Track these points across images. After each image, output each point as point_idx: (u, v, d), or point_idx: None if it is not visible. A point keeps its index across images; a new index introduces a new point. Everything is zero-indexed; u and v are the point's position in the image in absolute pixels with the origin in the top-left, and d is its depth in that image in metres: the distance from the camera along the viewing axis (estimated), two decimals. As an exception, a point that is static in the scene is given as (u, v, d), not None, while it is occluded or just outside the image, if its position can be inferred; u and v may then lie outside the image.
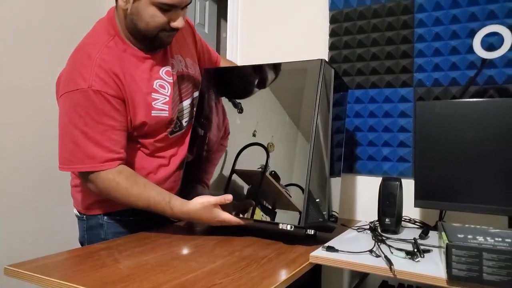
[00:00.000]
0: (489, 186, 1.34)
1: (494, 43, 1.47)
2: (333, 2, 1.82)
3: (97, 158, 1.25)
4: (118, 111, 1.29)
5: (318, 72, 1.30)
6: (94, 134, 1.25)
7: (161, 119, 1.37)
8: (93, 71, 1.26)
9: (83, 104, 1.25)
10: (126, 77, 1.31)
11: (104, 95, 1.26)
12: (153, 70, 1.38)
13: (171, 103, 1.39)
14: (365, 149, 1.75)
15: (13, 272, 0.99)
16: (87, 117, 1.25)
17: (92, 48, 1.31)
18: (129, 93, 1.31)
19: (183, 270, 1.01)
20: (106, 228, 1.40)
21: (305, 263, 1.11)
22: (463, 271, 0.96)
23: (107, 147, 1.26)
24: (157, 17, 1.28)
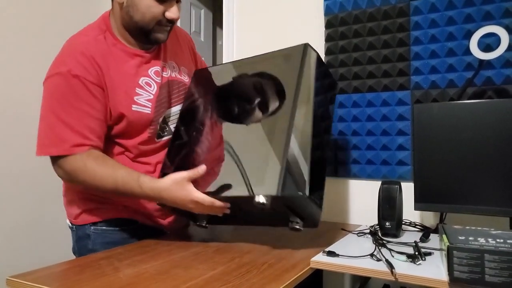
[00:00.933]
0: (489, 188, 1.34)
1: (491, 44, 1.47)
2: (328, 6, 1.82)
3: (68, 142, 1.22)
4: (97, 99, 1.27)
5: (301, 56, 1.26)
6: (69, 119, 1.23)
7: (142, 115, 1.34)
8: (75, 57, 1.25)
9: (61, 88, 1.24)
10: (110, 68, 1.30)
11: (83, 81, 1.24)
12: (141, 67, 1.37)
13: (155, 102, 1.36)
14: (363, 153, 1.75)
15: (15, 283, 1.00)
16: (65, 102, 1.23)
17: (79, 39, 1.32)
18: (110, 83, 1.29)
19: (183, 278, 1.01)
20: (93, 238, 1.36)
21: (306, 268, 1.10)
22: (465, 273, 0.95)
23: (80, 132, 1.23)
24: (152, 7, 1.29)
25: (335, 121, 1.80)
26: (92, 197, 1.36)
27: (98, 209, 1.36)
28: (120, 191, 1.22)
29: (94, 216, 1.37)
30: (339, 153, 1.80)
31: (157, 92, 1.38)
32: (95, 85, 1.26)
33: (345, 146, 1.78)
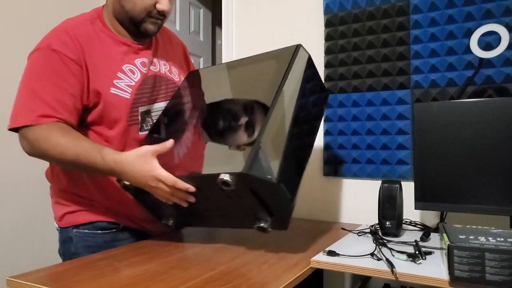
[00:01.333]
0: (489, 186, 1.33)
1: (492, 42, 1.47)
2: (328, 6, 1.82)
3: (36, 112, 1.18)
4: (73, 75, 1.24)
5: (291, 55, 1.25)
6: (42, 91, 1.20)
7: (120, 99, 1.31)
8: (57, 35, 1.26)
9: (39, 62, 1.24)
10: (94, 50, 1.29)
11: (62, 56, 1.23)
12: (128, 55, 1.37)
13: (135, 89, 1.34)
14: (363, 153, 1.74)
15: (15, 283, 1.00)
16: (40, 75, 1.22)
17: (66, 21, 1.33)
18: (91, 63, 1.28)
19: (182, 278, 1.00)
20: (75, 241, 1.33)
21: (306, 267, 1.10)
22: (466, 272, 0.95)
23: (50, 104, 1.19)
24: None
25: (335, 120, 1.80)
26: (74, 199, 1.34)
27: (80, 212, 1.34)
28: (81, 162, 1.16)
29: (76, 219, 1.34)
30: (339, 153, 1.79)
31: (140, 81, 1.36)
32: (73, 61, 1.24)
33: (345, 145, 1.78)
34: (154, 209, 1.30)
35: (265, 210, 1.09)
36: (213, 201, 1.16)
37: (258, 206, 1.09)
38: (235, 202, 1.11)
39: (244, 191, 1.06)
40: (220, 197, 1.10)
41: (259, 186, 1.04)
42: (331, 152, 1.82)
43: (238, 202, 1.11)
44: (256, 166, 1.01)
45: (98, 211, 1.34)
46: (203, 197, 1.15)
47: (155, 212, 1.32)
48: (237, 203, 1.12)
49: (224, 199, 1.11)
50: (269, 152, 1.06)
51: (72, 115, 1.24)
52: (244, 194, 1.07)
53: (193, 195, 1.16)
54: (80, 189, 1.34)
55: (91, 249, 1.30)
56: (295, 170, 1.14)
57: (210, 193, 1.13)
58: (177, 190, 1.13)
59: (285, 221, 1.11)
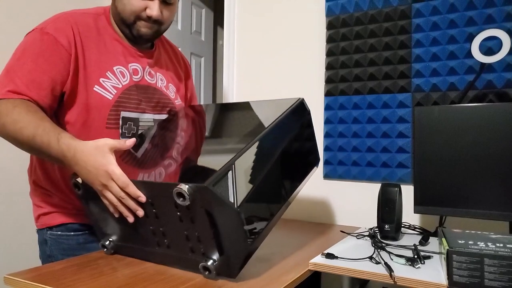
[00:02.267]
0: (489, 191, 1.33)
1: (493, 47, 1.47)
2: (330, 8, 1.82)
3: (7, 87, 1.13)
4: (60, 59, 1.20)
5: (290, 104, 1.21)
6: (19, 69, 1.16)
7: (101, 98, 1.26)
8: (55, 21, 1.24)
9: (28, 42, 1.21)
10: (90, 42, 1.27)
11: (51, 39, 1.19)
12: (123, 57, 1.34)
13: (120, 92, 1.30)
14: (363, 155, 1.74)
15: (13, 281, 0.99)
16: (24, 54, 1.19)
17: (70, 11, 1.30)
18: (84, 52, 1.25)
19: (181, 278, 1.00)
20: (50, 244, 1.31)
21: (304, 270, 1.10)
22: (464, 277, 0.95)
23: (23, 82, 1.15)
24: (133, 1, 1.28)
25: (335, 122, 1.80)
26: (48, 200, 1.32)
27: (53, 213, 1.32)
28: (37, 143, 1.08)
29: (49, 220, 1.32)
30: (339, 155, 1.79)
31: (128, 86, 1.32)
32: (63, 46, 1.21)
33: (345, 147, 1.78)
34: (98, 221, 1.19)
35: (215, 245, 0.95)
36: (163, 222, 1.03)
37: (210, 236, 0.95)
38: (186, 226, 0.99)
39: (199, 212, 0.94)
40: (171, 217, 1.00)
41: (217, 209, 0.92)
42: (331, 154, 1.81)
43: (189, 227, 0.98)
44: (221, 184, 0.91)
45: (70, 212, 1.31)
46: (152, 215, 1.04)
47: (98, 226, 1.20)
48: (188, 228, 0.99)
49: (175, 221, 1.00)
50: (240, 178, 0.96)
51: (46, 97, 1.18)
52: (198, 216, 0.95)
53: (143, 210, 1.04)
54: (52, 185, 1.31)
55: (65, 252, 1.28)
56: (262, 211, 1.02)
57: (161, 211, 1.01)
58: (126, 196, 1.03)
59: (235, 266, 0.96)
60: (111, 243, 1.17)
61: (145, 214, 1.04)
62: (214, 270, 0.96)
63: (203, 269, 0.98)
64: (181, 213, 0.97)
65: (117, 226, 1.14)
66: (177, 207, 0.97)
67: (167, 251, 1.06)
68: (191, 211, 0.95)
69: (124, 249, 1.16)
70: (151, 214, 1.04)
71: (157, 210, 1.02)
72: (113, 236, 1.17)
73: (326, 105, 1.83)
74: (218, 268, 0.97)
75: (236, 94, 2.12)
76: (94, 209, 1.17)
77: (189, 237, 0.99)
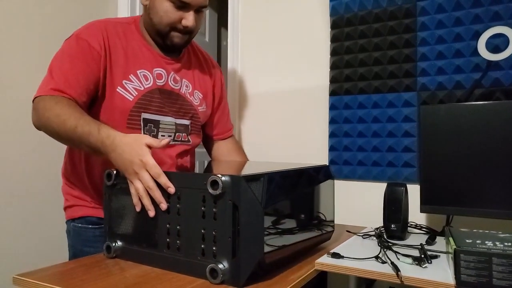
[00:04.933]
0: (497, 190, 1.32)
1: (499, 45, 1.46)
2: (334, 7, 1.81)
3: (50, 85, 1.25)
4: (93, 60, 1.31)
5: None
6: (58, 69, 1.28)
7: (122, 100, 1.34)
8: (89, 27, 1.36)
9: (65, 47, 1.33)
10: (118, 47, 1.37)
11: (85, 44, 1.31)
12: (148, 61, 1.41)
13: (141, 94, 1.37)
14: (369, 155, 1.73)
15: (22, 281, 1.00)
16: (62, 57, 1.31)
17: (102, 19, 1.44)
18: (113, 55, 1.35)
19: (188, 278, 1.00)
20: (72, 234, 1.43)
21: (311, 270, 1.09)
22: (472, 277, 0.94)
23: (63, 81, 1.26)
24: (169, 13, 1.34)
25: (341, 122, 1.79)
26: (71, 193, 1.45)
27: (75, 206, 1.44)
28: (78, 132, 1.16)
29: (72, 213, 1.44)
30: (344, 155, 1.78)
31: (150, 89, 1.39)
32: (95, 49, 1.32)
33: (351, 147, 1.77)
34: (112, 218, 1.20)
35: (231, 246, 0.96)
36: (182, 220, 1.04)
37: (228, 234, 0.96)
38: (206, 224, 1.00)
39: (225, 207, 0.97)
40: (194, 213, 1.02)
41: (244, 203, 0.95)
42: (336, 154, 1.81)
43: (209, 224, 0.99)
44: (254, 183, 0.97)
45: (89, 206, 1.42)
46: (175, 210, 1.06)
47: (110, 224, 1.21)
48: (207, 227, 1.00)
49: (197, 218, 1.01)
50: (270, 189, 1.00)
51: (81, 95, 1.28)
52: (223, 212, 0.97)
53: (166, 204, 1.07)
54: (76, 177, 1.43)
55: (83, 243, 1.40)
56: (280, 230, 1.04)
57: (186, 205, 1.04)
58: (155, 187, 1.07)
59: (244, 274, 0.95)
60: (116, 245, 1.17)
61: (167, 210, 1.07)
62: (221, 274, 0.96)
63: (210, 272, 0.97)
64: (206, 208, 1.00)
65: (130, 226, 1.15)
66: (204, 202, 1.00)
67: (175, 255, 1.06)
68: (217, 205, 0.98)
69: (128, 253, 1.15)
70: (173, 210, 1.06)
71: (181, 205, 1.05)
72: (120, 238, 1.18)
73: (331, 105, 1.82)
74: (225, 275, 0.96)
75: (240, 95, 2.12)
76: (114, 204, 1.19)
77: (205, 237, 1.00)
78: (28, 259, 1.99)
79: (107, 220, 1.21)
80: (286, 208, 1.07)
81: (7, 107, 1.92)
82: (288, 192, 1.09)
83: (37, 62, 2.02)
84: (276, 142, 2.00)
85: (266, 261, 0.97)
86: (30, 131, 1.99)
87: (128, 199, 1.14)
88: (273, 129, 2.01)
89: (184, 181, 1.04)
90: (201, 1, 1.36)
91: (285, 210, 1.06)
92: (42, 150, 2.04)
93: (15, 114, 1.94)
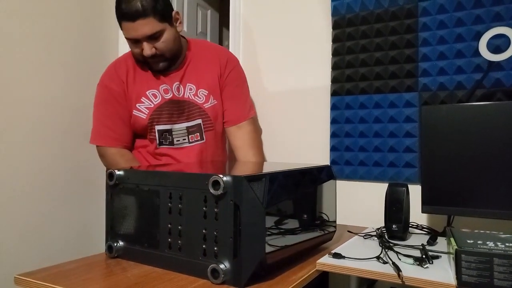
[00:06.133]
0: (498, 191, 1.32)
1: (501, 45, 1.46)
2: (335, 7, 1.81)
3: (103, 136, 1.63)
4: (119, 103, 1.62)
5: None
6: (100, 117, 1.65)
7: (137, 119, 1.63)
8: (108, 71, 1.67)
9: (98, 93, 1.66)
10: (130, 79, 1.63)
11: (109, 89, 1.62)
12: (154, 82, 1.64)
13: (152, 111, 1.62)
14: (370, 155, 1.73)
15: (23, 281, 1.00)
16: (99, 103, 1.65)
17: (117, 59, 1.74)
18: (130, 91, 1.62)
19: (190, 278, 1.00)
20: None
21: (312, 270, 1.09)
22: (474, 277, 0.94)
23: (110, 128, 1.62)
24: (133, 48, 1.57)
25: (342, 122, 1.79)
26: None
27: None
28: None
29: None
30: (346, 155, 1.79)
31: (159, 104, 1.63)
32: (118, 92, 1.62)
33: (352, 147, 1.77)
34: (115, 218, 1.20)
35: (232, 246, 0.96)
36: (184, 220, 1.05)
37: (229, 235, 0.97)
38: (207, 224, 1.01)
39: (226, 208, 0.97)
40: (196, 213, 1.02)
41: (246, 204, 0.96)
42: (338, 154, 1.81)
43: (210, 225, 1.00)
44: (256, 183, 0.97)
45: None
46: (176, 210, 1.07)
47: (112, 224, 1.21)
48: (208, 227, 1.00)
49: (198, 218, 1.02)
50: (272, 189, 1.00)
51: (126, 136, 1.66)
52: (224, 212, 0.98)
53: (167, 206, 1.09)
54: None
55: None
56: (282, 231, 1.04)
57: (188, 205, 1.04)
58: None
59: (245, 274, 0.96)
60: (117, 245, 1.18)
61: (169, 210, 1.08)
62: (222, 274, 0.96)
63: (211, 272, 0.98)
64: (208, 208, 1.01)
65: (131, 225, 1.16)
66: (205, 202, 1.01)
67: (177, 255, 1.06)
68: (219, 205, 0.99)
69: (130, 253, 1.16)
70: (175, 210, 1.07)
71: (183, 205, 1.06)
72: (122, 238, 1.18)
73: (332, 105, 1.82)
74: (226, 275, 0.96)
75: (242, 95, 2.12)
76: (116, 204, 1.20)
77: (206, 237, 1.01)
78: (29, 259, 1.99)
79: (109, 220, 1.22)
80: (287, 209, 1.07)
81: (9, 107, 1.92)
82: (290, 193, 1.09)
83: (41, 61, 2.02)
84: (277, 142, 2.00)
85: (268, 262, 0.98)
86: (31, 131, 2.01)
87: (130, 199, 1.14)
88: (274, 128, 2.02)
89: (185, 181, 1.05)
90: (144, 33, 1.49)
91: (287, 211, 1.07)
92: (45, 150, 2.05)
93: (17, 114, 1.94)
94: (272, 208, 1.00)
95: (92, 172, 2.26)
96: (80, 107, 2.22)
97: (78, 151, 2.20)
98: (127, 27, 1.49)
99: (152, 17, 1.48)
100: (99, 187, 2.29)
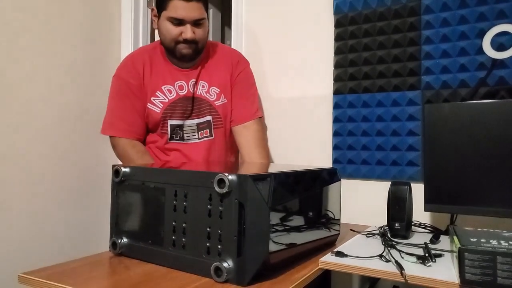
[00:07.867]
0: (501, 189, 1.31)
1: (504, 43, 1.45)
2: (338, 5, 1.81)
3: (117, 128, 1.67)
4: (135, 96, 1.66)
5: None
6: (118, 110, 1.68)
7: (151, 113, 1.67)
8: (126, 63, 1.71)
9: (114, 86, 1.70)
10: (147, 72, 1.67)
11: (126, 81, 1.66)
12: (171, 77, 1.69)
13: (166, 105, 1.67)
14: (373, 154, 1.73)
15: (27, 279, 1.00)
16: (115, 95, 1.69)
17: (136, 50, 1.81)
18: (147, 84, 1.67)
19: (193, 277, 1.00)
20: None
21: (315, 268, 1.09)
22: (477, 276, 0.93)
23: (124, 119, 1.66)
24: (171, 30, 1.58)
25: (345, 121, 1.79)
26: None
27: None
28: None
29: None
30: (348, 154, 1.78)
31: (174, 100, 1.68)
32: (135, 85, 1.66)
33: (355, 146, 1.77)
34: (119, 214, 1.21)
35: (236, 245, 0.96)
36: (189, 218, 1.05)
37: (233, 233, 0.96)
38: (211, 222, 1.00)
39: (231, 206, 0.97)
40: (200, 211, 1.02)
41: (251, 202, 0.96)
42: (340, 153, 1.80)
43: (215, 223, 1.00)
44: (261, 182, 0.97)
45: None
46: (181, 208, 1.06)
47: (116, 221, 1.21)
48: (212, 225, 1.00)
49: (203, 216, 1.02)
50: (278, 188, 1.01)
51: (140, 128, 1.70)
52: (229, 211, 0.98)
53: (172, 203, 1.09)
54: None
55: None
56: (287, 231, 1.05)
57: (192, 203, 1.04)
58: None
59: (249, 272, 0.95)
60: (121, 242, 1.18)
61: (174, 208, 1.08)
62: (226, 273, 0.95)
63: (214, 270, 0.97)
64: (213, 206, 1.01)
65: (136, 222, 1.16)
66: (210, 200, 1.01)
67: (180, 253, 1.06)
68: (224, 203, 0.98)
69: (134, 250, 1.16)
70: (180, 207, 1.07)
71: (188, 203, 1.06)
72: (126, 235, 1.18)
73: (335, 104, 1.82)
74: (230, 273, 0.96)
75: (244, 93, 2.11)
76: (121, 201, 1.20)
77: (210, 235, 1.00)
78: (33, 258, 1.99)
79: (114, 217, 1.22)
80: (292, 209, 1.07)
81: (14, 107, 1.92)
82: (294, 193, 1.09)
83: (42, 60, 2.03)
84: (280, 141, 2.00)
85: (271, 261, 0.98)
86: (34, 131, 2.01)
87: (135, 196, 1.15)
88: (276, 128, 2.01)
89: (191, 179, 1.05)
90: (193, 16, 1.56)
91: (291, 211, 1.07)
92: (47, 150, 2.05)
93: (22, 115, 1.95)
94: (277, 208, 0.99)
95: (97, 172, 2.27)
96: (86, 107, 2.22)
97: (83, 151, 2.20)
98: (179, 5, 1.54)
99: (202, 3, 1.59)
100: (103, 186, 2.30)
